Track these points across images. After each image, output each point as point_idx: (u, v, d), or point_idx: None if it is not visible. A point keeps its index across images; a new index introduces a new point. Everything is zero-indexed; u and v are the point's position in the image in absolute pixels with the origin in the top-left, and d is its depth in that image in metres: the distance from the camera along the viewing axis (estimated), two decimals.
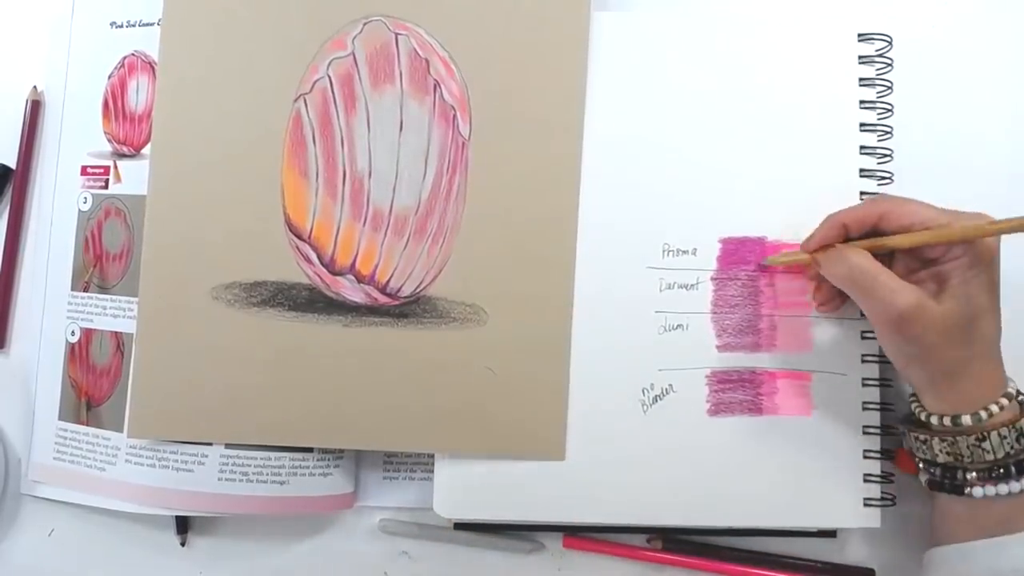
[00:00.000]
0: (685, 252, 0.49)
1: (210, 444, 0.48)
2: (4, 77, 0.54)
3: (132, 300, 0.49)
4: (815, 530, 0.49)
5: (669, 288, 0.48)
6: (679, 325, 0.48)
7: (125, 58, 0.52)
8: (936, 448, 0.43)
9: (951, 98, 0.52)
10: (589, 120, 0.48)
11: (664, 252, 0.49)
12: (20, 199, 0.54)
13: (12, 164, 0.54)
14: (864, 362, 0.48)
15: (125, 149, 0.51)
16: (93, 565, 0.52)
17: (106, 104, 0.52)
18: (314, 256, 0.48)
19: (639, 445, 0.47)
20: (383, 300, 0.48)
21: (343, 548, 0.51)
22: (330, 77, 0.48)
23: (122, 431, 0.49)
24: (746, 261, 0.48)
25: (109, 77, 0.52)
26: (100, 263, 0.51)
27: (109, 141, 0.52)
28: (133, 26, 0.52)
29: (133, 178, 0.51)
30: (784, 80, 0.49)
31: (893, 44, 0.49)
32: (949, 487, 0.43)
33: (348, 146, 0.48)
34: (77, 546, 0.52)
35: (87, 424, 0.50)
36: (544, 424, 0.47)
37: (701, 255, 0.48)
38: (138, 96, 0.51)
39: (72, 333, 0.51)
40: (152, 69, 0.51)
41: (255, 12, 0.48)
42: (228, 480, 0.48)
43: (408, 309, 0.48)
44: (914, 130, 0.50)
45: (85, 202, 0.52)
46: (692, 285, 0.48)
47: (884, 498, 0.47)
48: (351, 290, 0.48)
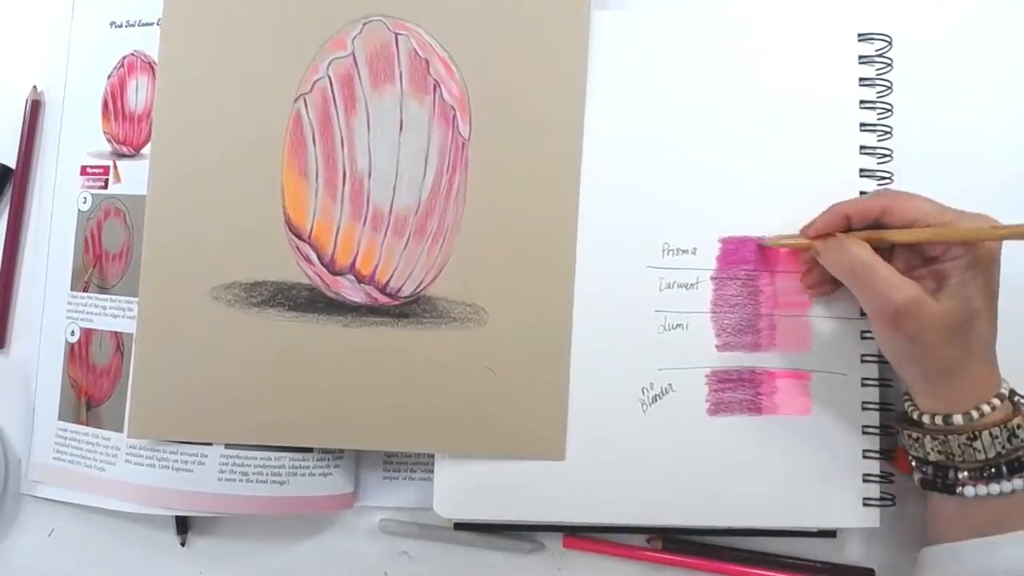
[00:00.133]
0: (685, 252, 0.49)
1: (210, 444, 0.48)
2: (4, 77, 0.54)
3: (132, 300, 0.49)
4: (815, 530, 0.49)
5: (669, 288, 0.48)
6: (679, 325, 0.48)
7: (125, 58, 0.52)
8: (928, 446, 0.43)
9: (951, 98, 0.52)
10: (589, 120, 0.48)
11: (664, 252, 0.49)
12: (20, 199, 0.54)
13: (12, 164, 0.54)
14: (864, 362, 0.48)
15: (125, 149, 0.51)
16: (93, 565, 0.52)
17: (106, 104, 0.52)
18: (314, 256, 0.48)
19: (639, 445, 0.48)
20: (383, 300, 0.48)
21: (343, 548, 0.51)
22: (330, 77, 0.48)
23: (122, 431, 0.49)
24: (746, 261, 0.48)
25: (109, 77, 0.52)
26: (100, 263, 0.51)
27: (109, 141, 0.52)
28: (133, 26, 0.52)
29: (133, 178, 0.51)
30: (784, 80, 0.49)
31: (893, 44, 0.49)
32: (941, 486, 0.43)
33: (348, 146, 0.48)
34: (77, 546, 0.52)
35: (87, 424, 0.50)
36: (544, 424, 0.48)
37: (701, 255, 0.48)
38: (138, 96, 0.51)
39: (72, 333, 0.51)
40: (152, 69, 0.51)
41: (255, 12, 0.48)
42: (228, 480, 0.48)
43: (408, 309, 0.48)
44: (914, 130, 0.50)
45: (85, 202, 0.52)
46: (692, 285, 0.48)
47: (883, 498, 0.47)
48: (351, 290, 0.48)
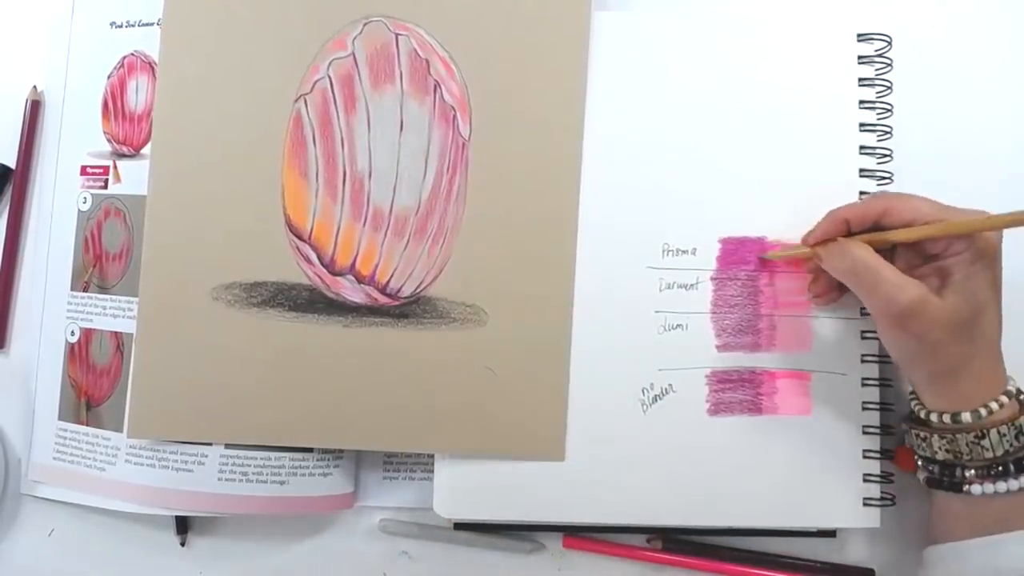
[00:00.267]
0: (685, 252, 0.49)
1: (210, 444, 0.48)
2: (4, 77, 0.54)
3: (132, 300, 0.49)
4: (815, 530, 0.49)
5: (669, 288, 0.48)
6: (679, 325, 0.48)
7: (125, 58, 0.52)
8: (935, 445, 0.43)
9: (951, 98, 0.52)
10: (589, 120, 0.48)
11: (664, 252, 0.49)
12: (20, 199, 0.54)
13: (12, 164, 0.54)
14: (864, 362, 0.48)
15: (125, 149, 0.51)
16: (93, 565, 0.52)
17: (106, 104, 0.52)
18: (314, 256, 0.48)
19: (639, 445, 0.48)
20: (383, 300, 0.48)
21: (343, 548, 0.51)
22: (330, 77, 0.48)
23: (122, 431, 0.49)
24: (746, 261, 0.48)
25: (109, 77, 0.52)
26: (100, 263, 0.51)
27: (109, 141, 0.52)
28: (133, 26, 0.52)
29: (133, 178, 0.51)
30: (784, 80, 0.49)
31: (893, 44, 0.49)
32: (948, 484, 0.43)
33: (348, 146, 0.48)
34: (77, 546, 0.52)
35: (87, 424, 0.50)
36: (544, 424, 0.47)
37: (701, 255, 0.48)
38: (138, 96, 0.51)
39: (72, 333, 0.51)
40: (152, 69, 0.51)
41: (255, 12, 0.48)
42: (228, 480, 0.48)
43: (408, 309, 0.48)
44: (914, 130, 0.50)
45: (85, 202, 0.52)
46: (692, 285, 0.48)
47: (884, 498, 0.47)
48: (351, 290, 0.48)
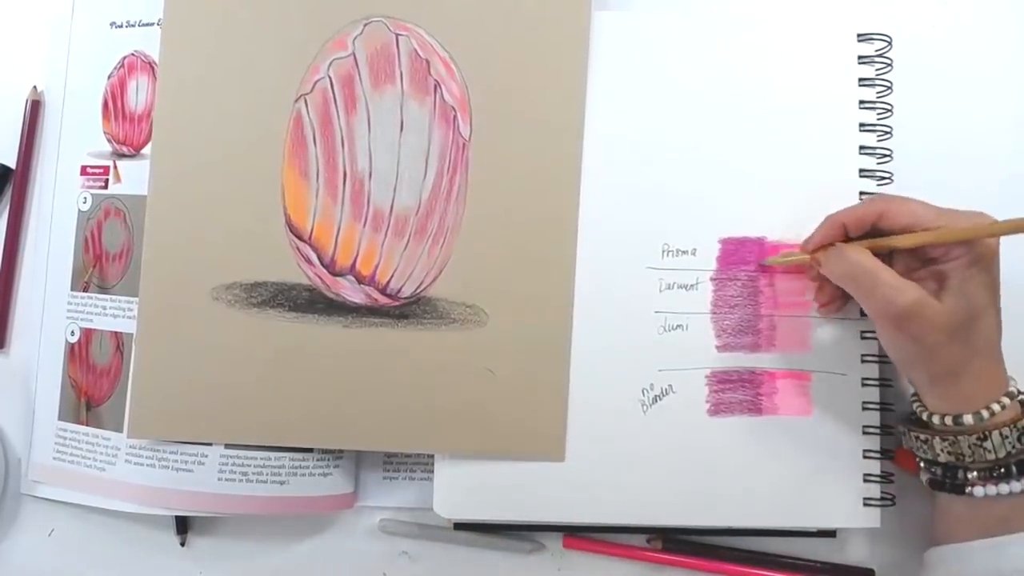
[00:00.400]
0: (685, 252, 0.49)
1: (210, 444, 0.48)
2: (4, 77, 0.54)
3: (132, 300, 0.49)
4: (815, 530, 0.49)
5: (669, 288, 0.48)
6: (679, 325, 0.48)
7: (125, 58, 0.52)
8: (937, 448, 0.43)
9: (951, 98, 0.52)
10: (589, 120, 0.48)
11: (664, 252, 0.49)
12: (20, 199, 0.54)
13: (12, 164, 0.54)
14: (864, 362, 0.48)
15: (125, 149, 0.51)
16: (93, 565, 0.52)
17: (106, 104, 0.52)
18: (314, 257, 0.48)
19: (639, 445, 0.48)
20: (383, 301, 0.48)
21: (343, 548, 0.51)
22: (331, 77, 0.48)
23: (122, 431, 0.49)
24: (746, 261, 0.48)
25: (109, 77, 0.52)
26: (100, 263, 0.51)
27: (109, 141, 0.52)
28: (133, 26, 0.52)
29: (133, 178, 0.51)
30: (784, 80, 0.49)
31: (893, 44, 0.49)
32: (950, 486, 0.43)
33: (348, 146, 0.48)
34: (77, 546, 0.52)
35: (87, 424, 0.50)
36: (544, 424, 0.47)
37: (701, 255, 0.48)
38: (138, 96, 0.51)
39: (72, 333, 0.51)
40: (152, 69, 0.51)
41: (256, 12, 0.48)
42: (228, 480, 0.48)
43: (408, 310, 0.48)
44: (914, 130, 0.50)
45: (85, 202, 0.52)
46: (692, 285, 0.48)
47: (884, 498, 0.47)
48: (351, 291, 0.48)
